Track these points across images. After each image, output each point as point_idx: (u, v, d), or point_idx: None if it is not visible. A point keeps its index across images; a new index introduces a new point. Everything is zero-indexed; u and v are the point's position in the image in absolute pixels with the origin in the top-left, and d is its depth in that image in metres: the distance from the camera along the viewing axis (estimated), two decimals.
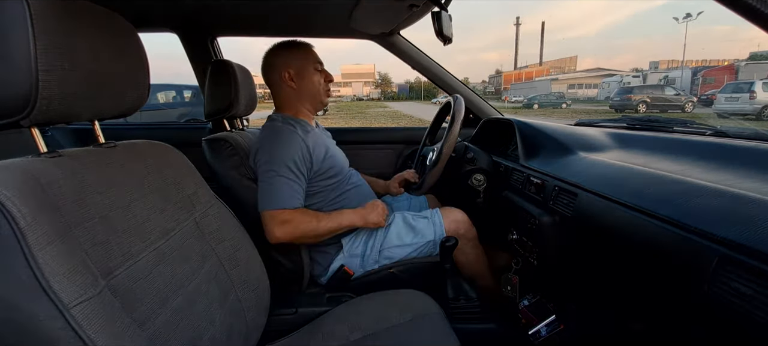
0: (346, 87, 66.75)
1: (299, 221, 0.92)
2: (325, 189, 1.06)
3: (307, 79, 1.06)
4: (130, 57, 0.59)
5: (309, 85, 1.06)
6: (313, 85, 1.07)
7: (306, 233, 0.93)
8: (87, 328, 0.40)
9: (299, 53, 1.06)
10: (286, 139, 0.97)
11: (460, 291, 0.99)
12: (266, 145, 0.97)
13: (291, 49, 1.06)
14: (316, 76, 1.07)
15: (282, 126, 1.01)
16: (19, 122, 0.45)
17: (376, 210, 1.03)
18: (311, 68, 1.06)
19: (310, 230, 0.94)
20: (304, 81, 1.06)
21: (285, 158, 0.94)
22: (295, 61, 1.05)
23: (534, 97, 25.62)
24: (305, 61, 1.05)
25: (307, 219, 0.94)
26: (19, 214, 0.39)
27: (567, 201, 0.84)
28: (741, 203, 0.51)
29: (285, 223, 0.91)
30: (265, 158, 0.95)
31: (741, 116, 10.32)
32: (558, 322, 0.96)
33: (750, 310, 0.44)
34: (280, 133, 0.99)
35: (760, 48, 49.13)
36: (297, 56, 1.05)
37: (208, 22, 1.40)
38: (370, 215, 1.02)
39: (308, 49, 1.07)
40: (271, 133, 1.00)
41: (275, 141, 0.97)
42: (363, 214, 1.02)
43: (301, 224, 0.92)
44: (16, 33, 0.42)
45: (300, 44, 1.07)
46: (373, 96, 60.97)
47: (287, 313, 0.92)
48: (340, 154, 1.15)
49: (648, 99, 14.78)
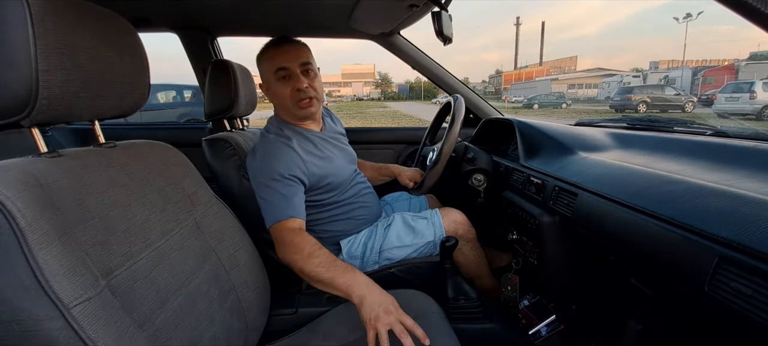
0: (346, 87, 66.72)
1: (290, 253, 0.80)
2: (320, 203, 1.01)
3: (273, 90, 0.95)
4: (130, 57, 0.59)
5: (276, 97, 0.96)
6: (278, 97, 0.95)
7: (294, 265, 0.79)
8: (87, 328, 0.40)
9: (264, 62, 0.95)
10: (277, 152, 0.91)
11: (460, 291, 0.99)
12: (259, 155, 0.93)
13: (261, 57, 0.96)
14: (278, 85, 0.94)
15: (274, 139, 0.94)
16: (19, 122, 0.45)
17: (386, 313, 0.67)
18: (273, 78, 0.93)
19: (297, 264, 0.78)
20: (271, 93, 0.97)
21: (276, 170, 0.87)
22: (261, 71, 0.97)
23: (534, 97, 25.63)
24: (268, 70, 0.94)
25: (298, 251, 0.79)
26: (19, 214, 0.39)
27: (567, 201, 0.84)
28: (741, 203, 0.51)
29: (281, 244, 0.82)
30: (255, 173, 0.90)
31: (741, 116, 10.32)
32: (558, 322, 0.96)
33: (750, 310, 0.44)
34: (272, 145, 0.93)
35: (760, 48, 49.14)
36: (262, 66, 0.96)
37: (208, 22, 1.40)
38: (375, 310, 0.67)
39: (271, 54, 0.94)
40: (262, 147, 0.94)
41: (266, 156, 0.91)
42: (372, 301, 0.69)
43: (291, 254, 0.79)
44: (16, 33, 0.42)
45: (267, 50, 0.95)
46: (373, 96, 60.92)
47: (287, 313, 0.92)
48: (341, 166, 1.05)
49: (648, 99, 14.78)
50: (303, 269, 0.78)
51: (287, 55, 0.93)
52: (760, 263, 0.43)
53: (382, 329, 0.64)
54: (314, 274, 0.76)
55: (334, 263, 0.77)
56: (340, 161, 1.06)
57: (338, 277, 0.74)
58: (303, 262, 0.78)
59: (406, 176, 1.28)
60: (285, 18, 1.30)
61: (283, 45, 0.94)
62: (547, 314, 0.97)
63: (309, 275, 0.78)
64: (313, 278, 0.77)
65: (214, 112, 1.15)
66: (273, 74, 0.93)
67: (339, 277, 0.74)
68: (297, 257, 0.79)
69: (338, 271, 0.75)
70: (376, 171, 1.33)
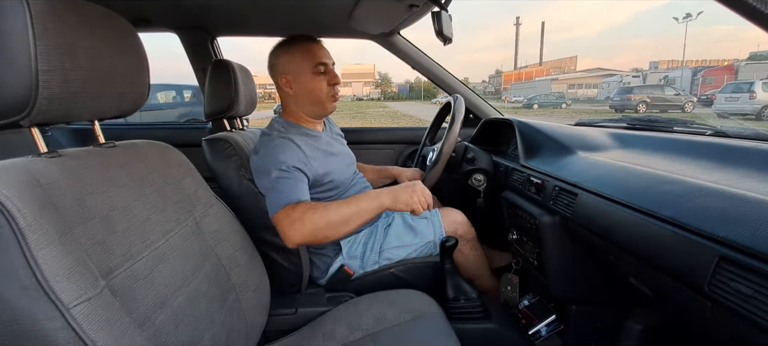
0: (346, 87, 66.71)
1: (308, 217, 0.79)
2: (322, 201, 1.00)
3: (305, 84, 0.96)
4: (130, 57, 0.59)
5: (307, 92, 0.97)
6: (312, 91, 0.97)
7: (318, 225, 0.79)
8: (87, 328, 0.40)
9: (296, 55, 0.97)
10: (281, 146, 0.91)
11: (460, 291, 0.99)
12: (262, 152, 0.93)
13: (289, 50, 0.97)
14: (315, 80, 0.96)
15: (276, 136, 0.95)
16: (19, 122, 0.45)
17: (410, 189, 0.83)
18: (309, 72, 0.96)
19: (321, 220, 0.79)
20: (301, 86, 0.97)
21: (280, 161, 0.88)
22: (291, 65, 0.97)
23: (534, 97, 25.64)
24: (303, 64, 0.96)
25: (313, 210, 0.80)
26: (19, 214, 0.39)
27: (567, 201, 0.84)
28: (741, 203, 0.51)
29: (294, 222, 0.79)
30: (259, 167, 0.90)
31: (741, 116, 10.32)
32: (558, 322, 0.96)
33: (750, 310, 0.44)
34: (275, 141, 0.93)
35: (760, 48, 49.16)
36: (293, 59, 0.97)
37: (208, 22, 1.40)
38: (402, 194, 0.83)
39: (308, 48, 0.97)
40: (265, 144, 0.94)
41: (270, 151, 0.91)
42: (395, 192, 0.83)
43: (309, 219, 0.79)
44: (16, 33, 0.42)
45: (299, 43, 0.97)
46: (373, 96, 60.97)
47: (287, 313, 0.92)
48: (342, 166, 1.06)
49: (648, 99, 14.78)
50: (328, 221, 0.79)
51: (323, 51, 0.98)
52: (760, 263, 0.43)
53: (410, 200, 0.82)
54: (339, 216, 0.80)
55: (347, 199, 0.83)
56: (342, 159, 1.08)
57: (362, 201, 0.83)
58: (323, 217, 0.79)
59: (406, 177, 1.29)
60: (285, 18, 1.30)
61: (317, 42, 0.99)
62: (547, 314, 0.97)
63: (336, 222, 0.80)
64: (340, 220, 0.80)
65: (214, 112, 1.15)
66: (312, 68, 0.96)
67: (362, 201, 0.83)
68: (316, 217, 0.79)
69: (356, 198, 0.83)
70: (377, 173, 1.33)
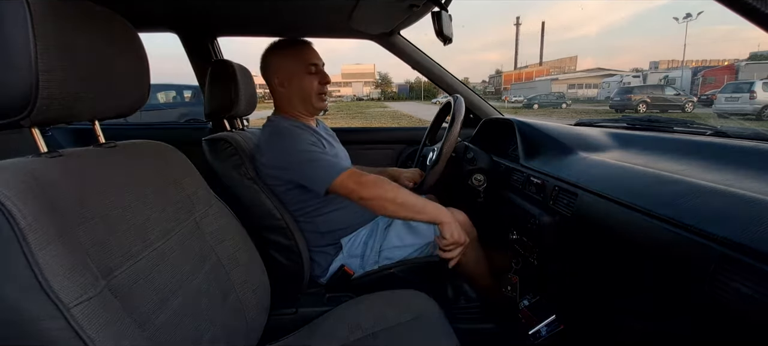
0: (346, 87, 66.74)
1: (372, 180, 0.87)
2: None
3: (297, 83, 1.03)
4: (130, 57, 0.58)
5: (299, 90, 1.04)
6: (305, 90, 1.03)
7: (386, 194, 0.86)
8: (87, 328, 0.40)
9: (290, 56, 1.03)
10: (292, 132, 0.97)
11: (460, 291, 0.99)
12: (277, 144, 0.96)
13: (283, 52, 1.03)
14: (307, 79, 1.03)
15: (285, 125, 1.01)
16: (19, 122, 0.45)
17: (459, 231, 0.87)
18: (302, 71, 1.03)
19: (390, 193, 0.86)
20: (294, 85, 1.03)
21: (302, 144, 0.94)
22: (285, 64, 1.03)
23: (534, 97, 25.65)
24: (296, 65, 1.02)
25: (382, 181, 0.88)
26: (20, 214, 0.39)
27: (567, 201, 0.84)
28: (741, 203, 0.51)
29: (364, 183, 0.87)
30: (280, 162, 0.95)
31: (741, 116, 10.32)
32: (558, 322, 0.96)
33: (750, 310, 0.44)
34: (284, 130, 0.99)
35: (760, 48, 49.16)
36: (287, 59, 1.03)
37: (208, 22, 1.40)
38: (456, 229, 0.86)
39: (301, 49, 1.03)
40: (274, 135, 0.99)
41: (284, 138, 0.96)
42: (455, 224, 0.87)
43: (379, 186, 0.86)
44: (16, 33, 0.42)
45: (293, 45, 1.04)
46: (373, 96, 61.00)
47: (287, 313, 0.92)
48: (342, 155, 1.13)
49: (648, 99, 14.78)
50: (395, 197, 0.86)
51: (314, 53, 1.05)
52: (760, 263, 0.43)
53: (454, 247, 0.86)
54: (404, 200, 0.86)
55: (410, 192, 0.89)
56: (340, 151, 1.13)
57: (427, 204, 0.88)
58: (392, 192, 0.86)
59: (405, 177, 1.29)
60: (285, 18, 1.30)
61: (308, 44, 1.06)
62: (547, 314, 0.97)
63: (402, 203, 0.86)
64: (404, 203, 0.86)
65: (214, 112, 1.15)
66: (306, 68, 1.03)
67: (427, 204, 0.88)
68: (382, 190, 0.86)
69: (421, 199, 0.88)
70: None
